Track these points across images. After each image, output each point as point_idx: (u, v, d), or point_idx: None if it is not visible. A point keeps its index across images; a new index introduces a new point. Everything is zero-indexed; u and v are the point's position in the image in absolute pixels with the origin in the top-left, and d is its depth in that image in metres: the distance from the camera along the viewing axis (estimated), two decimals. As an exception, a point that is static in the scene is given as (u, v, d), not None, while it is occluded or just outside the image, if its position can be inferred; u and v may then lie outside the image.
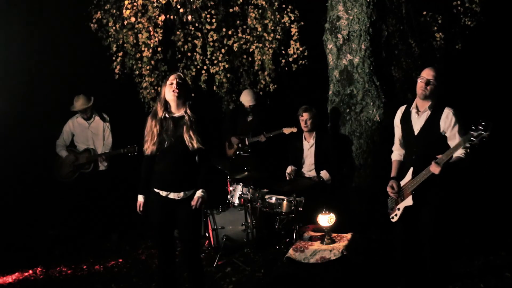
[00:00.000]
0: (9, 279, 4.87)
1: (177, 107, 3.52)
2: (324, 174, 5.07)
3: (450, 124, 3.48)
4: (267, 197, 4.99)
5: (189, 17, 5.96)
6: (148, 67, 6.06)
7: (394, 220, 3.69)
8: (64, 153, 5.90)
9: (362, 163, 5.13)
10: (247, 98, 6.04)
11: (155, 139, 3.47)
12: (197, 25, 6.07)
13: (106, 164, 5.89)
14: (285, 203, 4.86)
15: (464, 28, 6.45)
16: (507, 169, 6.39)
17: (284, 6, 6.08)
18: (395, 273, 3.81)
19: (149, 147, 3.50)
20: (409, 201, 3.57)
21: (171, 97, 3.47)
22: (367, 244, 4.42)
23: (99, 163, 5.88)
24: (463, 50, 6.58)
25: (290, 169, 5.30)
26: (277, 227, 4.96)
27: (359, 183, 5.15)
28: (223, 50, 6.17)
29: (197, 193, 3.47)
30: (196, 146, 3.43)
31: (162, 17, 5.81)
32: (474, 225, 5.06)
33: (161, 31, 5.89)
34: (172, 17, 6.04)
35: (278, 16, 6.05)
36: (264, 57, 6.22)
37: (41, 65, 6.37)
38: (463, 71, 6.70)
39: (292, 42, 6.16)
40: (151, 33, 5.82)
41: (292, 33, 6.12)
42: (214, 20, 5.99)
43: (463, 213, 5.06)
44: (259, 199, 5.07)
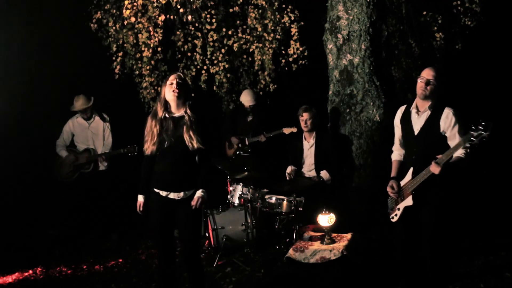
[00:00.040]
0: (9, 279, 4.87)
1: (177, 107, 3.52)
2: (324, 174, 5.07)
3: (450, 124, 3.48)
4: (267, 197, 4.99)
5: (189, 17, 5.96)
6: (148, 67, 6.06)
7: (394, 220, 3.69)
8: (64, 153, 5.90)
9: (362, 163, 5.13)
10: (247, 98, 6.04)
11: (155, 139, 3.47)
12: (197, 25, 6.07)
13: (106, 164, 5.89)
14: (285, 203, 4.86)
15: (464, 28, 6.45)
16: (507, 169, 6.39)
17: (284, 6, 6.08)
18: (395, 273, 3.81)
19: (149, 147, 3.50)
20: (409, 201, 3.57)
21: (171, 97, 3.47)
22: (367, 244, 4.42)
23: (99, 163, 5.88)
24: (463, 50, 6.58)
25: (290, 169, 5.30)
26: (277, 227, 4.95)
27: (359, 183, 5.14)
28: (223, 50, 6.17)
29: (197, 193, 3.47)
30: (196, 146, 3.43)
31: (162, 17, 5.81)
32: (474, 225, 5.06)
33: (161, 31, 5.89)
34: (172, 17, 6.04)
35: (278, 16, 6.05)
36: (264, 57, 6.22)
37: (41, 65, 6.36)
38: (463, 71, 6.70)
39: (292, 42, 6.16)
40: (151, 33, 5.82)
41: (292, 33, 6.12)
42: (214, 20, 5.99)
43: (463, 213, 5.05)
44: (259, 199, 5.07)
